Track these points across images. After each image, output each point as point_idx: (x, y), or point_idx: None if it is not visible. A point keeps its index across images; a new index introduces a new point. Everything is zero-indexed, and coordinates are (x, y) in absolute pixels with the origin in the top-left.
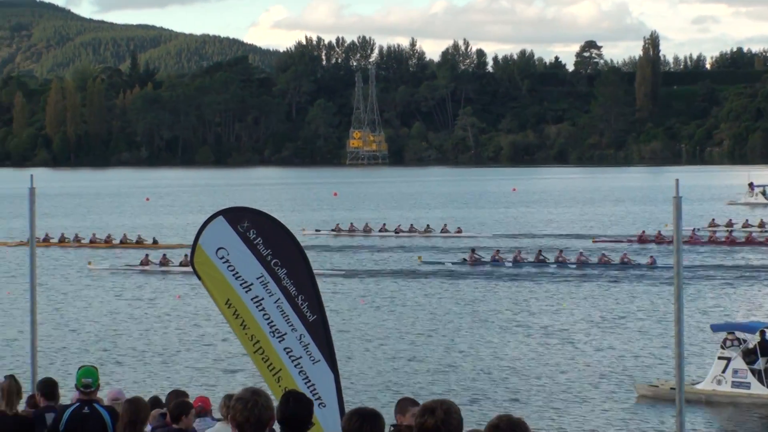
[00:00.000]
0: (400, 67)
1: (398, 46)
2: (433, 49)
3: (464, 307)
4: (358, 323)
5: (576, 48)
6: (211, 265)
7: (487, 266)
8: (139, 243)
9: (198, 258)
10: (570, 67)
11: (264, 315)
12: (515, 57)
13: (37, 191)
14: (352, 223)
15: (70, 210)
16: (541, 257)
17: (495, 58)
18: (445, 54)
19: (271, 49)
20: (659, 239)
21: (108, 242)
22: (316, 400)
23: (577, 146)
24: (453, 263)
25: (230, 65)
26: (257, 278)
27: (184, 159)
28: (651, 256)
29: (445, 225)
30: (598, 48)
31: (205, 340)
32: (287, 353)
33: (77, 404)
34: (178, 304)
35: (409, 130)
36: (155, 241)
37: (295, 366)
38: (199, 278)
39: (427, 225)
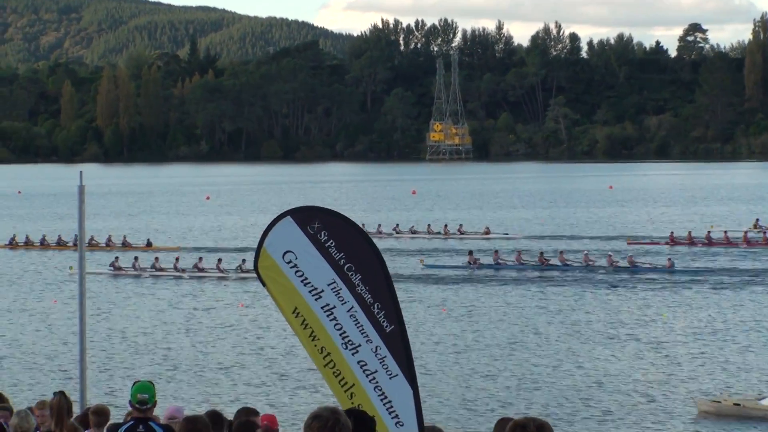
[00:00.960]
0: (486, 52)
1: (483, 29)
2: (521, 33)
3: (535, 314)
4: (431, 333)
5: (679, 31)
6: (277, 270)
7: (512, 271)
8: (150, 246)
9: (263, 262)
10: (672, 53)
11: (336, 325)
12: (612, 41)
13: (86, 189)
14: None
15: (121, 210)
16: (590, 261)
17: (590, 43)
18: (534, 38)
19: (344, 33)
20: (708, 241)
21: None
22: (393, 418)
23: (680, 139)
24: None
25: (299, 51)
26: (328, 284)
27: (248, 154)
28: (669, 258)
29: (488, 228)
30: (704, 31)
31: (268, 352)
32: (361, 367)
33: (131, 422)
34: (236, 312)
35: (495, 122)
36: (149, 243)
37: (370, 381)
38: (264, 284)
39: (445, 225)
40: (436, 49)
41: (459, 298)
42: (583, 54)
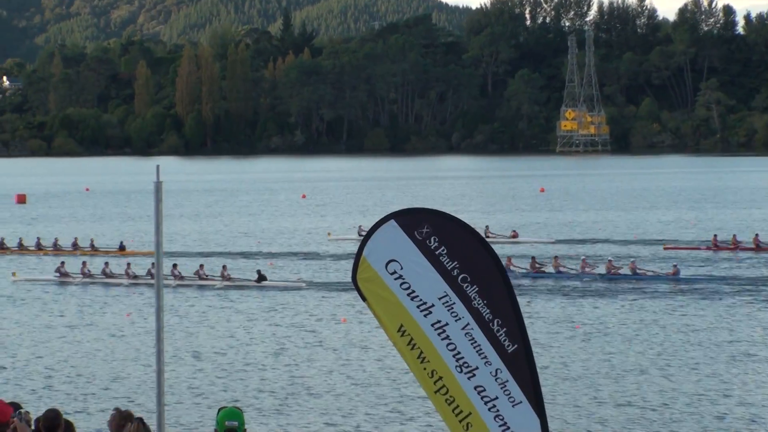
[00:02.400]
0: (625, 28)
1: (623, 1)
2: (667, 6)
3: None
4: (555, 352)
5: None
6: (379, 282)
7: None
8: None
9: (363, 273)
10: None
11: (448, 345)
12: None
13: (164, 186)
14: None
15: (200, 209)
16: (586, 267)
17: (746, 17)
18: (682, 12)
19: (461, 6)
20: (756, 246)
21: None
22: None
23: None
24: None
25: (409, 26)
26: (439, 298)
27: (350, 145)
28: (674, 265)
29: (513, 232)
30: None
31: (368, 375)
32: (479, 393)
33: None
34: (333, 328)
35: (636, 109)
36: (123, 247)
37: (490, 409)
38: (364, 299)
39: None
40: (567, 24)
41: (557, 310)
42: (739, 30)
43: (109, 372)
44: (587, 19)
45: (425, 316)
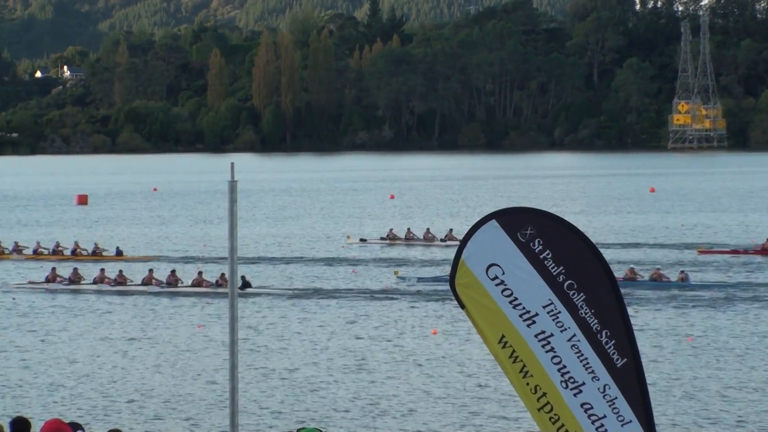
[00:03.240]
0: (743, 13)
1: None
2: None
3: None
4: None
5: None
6: (479, 287)
7: None
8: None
9: (461, 279)
10: None
11: (553, 358)
12: None
13: (239, 186)
14: (409, 229)
15: (276, 212)
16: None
17: None
18: None
19: None
20: None
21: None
22: None
23: None
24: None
25: (507, 11)
26: (544, 306)
27: (443, 141)
28: (682, 271)
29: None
30: None
31: (455, 393)
32: (585, 411)
33: None
34: (424, 339)
35: (755, 101)
36: (120, 252)
37: (597, 429)
38: (462, 306)
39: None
40: (680, 8)
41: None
42: None
43: (174, 389)
44: (702, 3)
45: (528, 326)
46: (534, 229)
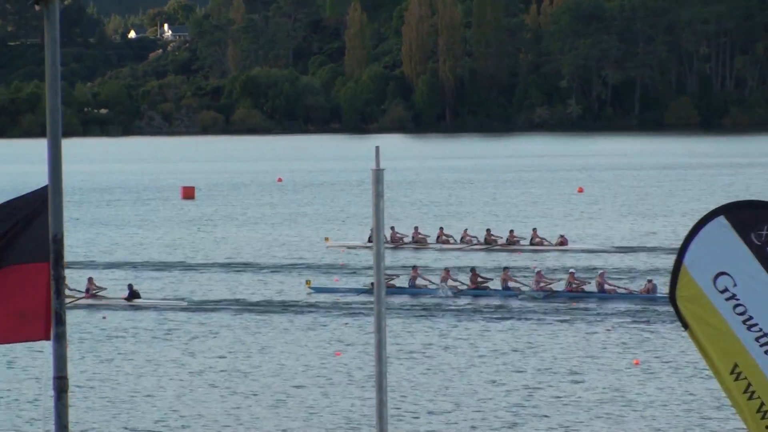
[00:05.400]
0: None
1: None
2: None
3: None
4: None
5: None
6: (704, 302)
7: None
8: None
9: (683, 290)
10: None
11: None
12: None
13: (386, 174)
14: (393, 228)
15: (428, 207)
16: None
17: None
18: None
19: None
20: None
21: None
22: None
23: None
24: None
25: None
26: None
27: (645, 119)
28: (649, 280)
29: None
30: None
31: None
32: None
33: None
34: (625, 365)
35: None
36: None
37: None
38: (685, 326)
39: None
40: None
41: None
42: None
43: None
44: None
45: (767, 353)
46: None
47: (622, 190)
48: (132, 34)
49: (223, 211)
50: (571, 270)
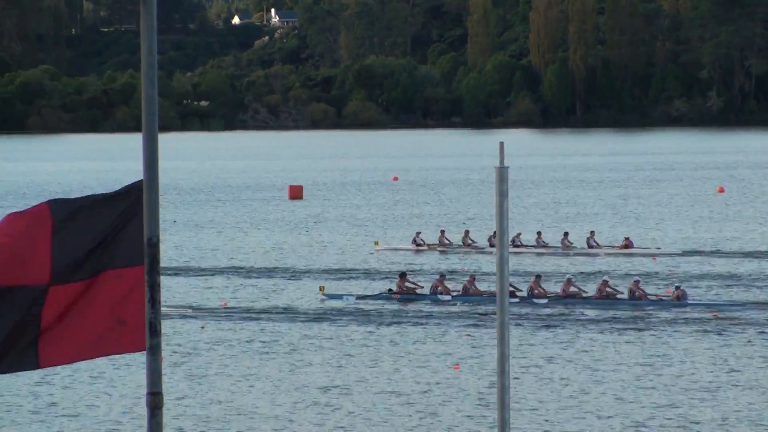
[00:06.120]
0: None
1: None
2: None
3: None
4: None
5: None
6: None
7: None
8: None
9: None
10: None
11: None
12: None
13: (510, 173)
14: (443, 231)
15: (544, 209)
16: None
17: None
18: None
19: None
20: None
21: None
22: None
23: None
24: (358, 297)
25: None
26: None
27: None
28: (678, 287)
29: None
30: None
31: None
32: None
33: None
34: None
35: None
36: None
37: None
38: None
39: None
40: None
41: None
42: None
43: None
44: None
45: None
46: None
47: (766, 191)
48: (236, 20)
49: (333, 212)
50: (605, 278)
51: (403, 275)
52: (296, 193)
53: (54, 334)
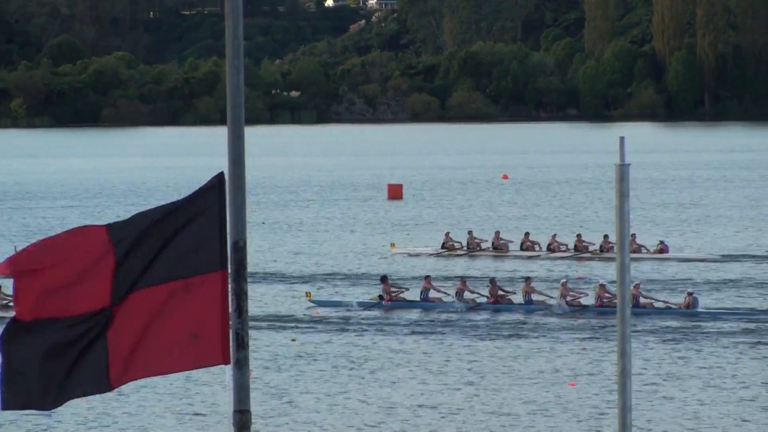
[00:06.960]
0: None
1: None
2: None
3: None
4: None
5: None
6: None
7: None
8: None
9: None
10: None
11: None
12: None
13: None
14: (471, 232)
15: (666, 211)
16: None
17: None
18: None
19: None
20: None
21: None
22: None
23: None
24: (360, 303)
25: None
26: None
27: None
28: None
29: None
30: None
31: None
32: None
33: None
34: None
35: None
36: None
37: None
38: None
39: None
40: None
41: None
42: None
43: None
44: None
45: None
46: None
47: None
48: (329, 2)
49: (433, 213)
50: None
51: (384, 278)
52: (395, 192)
53: (122, 354)
